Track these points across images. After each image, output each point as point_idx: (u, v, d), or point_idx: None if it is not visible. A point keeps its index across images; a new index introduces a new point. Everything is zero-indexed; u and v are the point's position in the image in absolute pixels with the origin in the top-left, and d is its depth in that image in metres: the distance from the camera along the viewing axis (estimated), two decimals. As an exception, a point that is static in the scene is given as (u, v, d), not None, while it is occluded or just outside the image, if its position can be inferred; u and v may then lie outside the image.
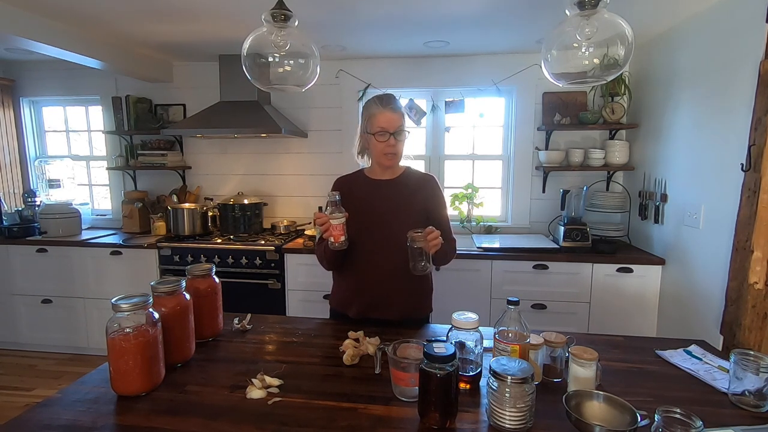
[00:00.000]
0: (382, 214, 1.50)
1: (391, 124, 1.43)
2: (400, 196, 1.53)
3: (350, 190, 1.54)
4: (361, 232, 1.48)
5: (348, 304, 1.55)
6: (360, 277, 1.52)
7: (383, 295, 1.50)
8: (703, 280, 2.15)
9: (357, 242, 1.47)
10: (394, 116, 1.44)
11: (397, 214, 1.50)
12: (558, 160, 2.95)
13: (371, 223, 1.49)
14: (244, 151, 3.43)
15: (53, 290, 3.06)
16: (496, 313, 2.64)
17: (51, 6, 2.20)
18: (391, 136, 1.43)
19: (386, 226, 1.48)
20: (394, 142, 1.44)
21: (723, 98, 2.02)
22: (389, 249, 1.46)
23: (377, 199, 1.52)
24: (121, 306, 0.99)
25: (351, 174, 1.63)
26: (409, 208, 1.51)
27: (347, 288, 1.56)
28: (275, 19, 1.27)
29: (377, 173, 1.57)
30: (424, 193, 1.55)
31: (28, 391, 2.68)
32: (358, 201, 1.52)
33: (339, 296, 1.60)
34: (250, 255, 2.83)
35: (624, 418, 0.87)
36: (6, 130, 3.46)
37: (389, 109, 1.44)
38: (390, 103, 1.46)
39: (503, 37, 2.67)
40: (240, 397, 1.02)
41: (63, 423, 0.93)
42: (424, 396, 0.91)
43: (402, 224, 1.43)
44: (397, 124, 1.44)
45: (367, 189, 1.55)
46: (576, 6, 1.10)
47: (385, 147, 1.45)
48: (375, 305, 1.50)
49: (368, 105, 1.49)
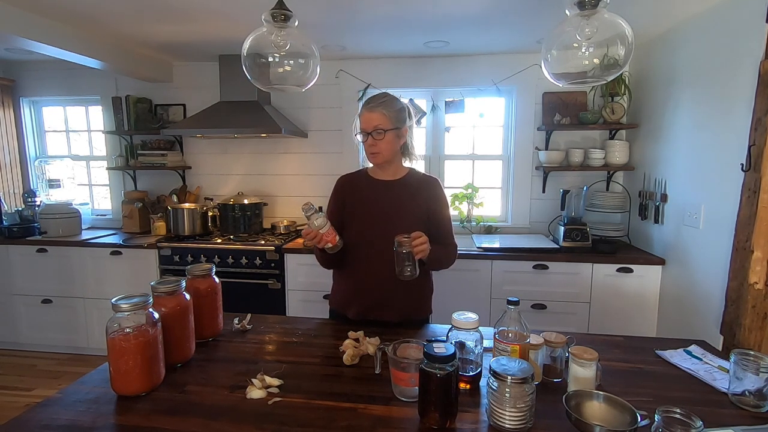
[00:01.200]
0: (383, 215, 1.49)
1: (368, 124, 1.43)
2: (402, 198, 1.51)
3: (352, 189, 1.55)
4: (362, 232, 1.48)
5: (347, 305, 1.54)
6: (360, 277, 1.51)
7: (383, 297, 1.49)
8: (703, 280, 2.15)
9: (357, 242, 1.47)
10: (371, 115, 1.42)
11: (399, 215, 1.49)
12: (558, 160, 2.95)
13: (372, 224, 1.48)
14: (244, 151, 3.43)
15: (53, 290, 3.06)
16: (496, 313, 2.64)
17: (51, 6, 2.20)
18: (369, 136, 1.42)
19: (387, 226, 1.46)
20: (372, 141, 1.43)
21: (723, 98, 2.02)
22: (389, 250, 1.44)
23: (379, 200, 1.52)
24: (121, 306, 0.99)
25: (354, 173, 1.63)
26: (411, 210, 1.50)
27: (347, 288, 1.56)
28: (275, 19, 1.28)
29: (379, 173, 1.56)
30: (426, 195, 1.53)
31: (28, 391, 2.68)
32: (360, 200, 1.52)
33: (338, 297, 1.59)
34: (250, 255, 2.83)
35: (624, 418, 0.87)
36: (6, 130, 3.46)
37: (367, 108, 1.44)
38: (369, 103, 1.44)
39: (503, 37, 2.67)
40: (240, 397, 1.02)
41: (63, 423, 0.93)
42: (424, 396, 0.91)
43: (403, 226, 1.42)
44: (374, 123, 1.42)
45: (369, 189, 1.54)
46: (576, 6, 1.10)
47: (366, 147, 1.45)
48: (374, 306, 1.50)
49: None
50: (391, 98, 1.47)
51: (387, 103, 1.45)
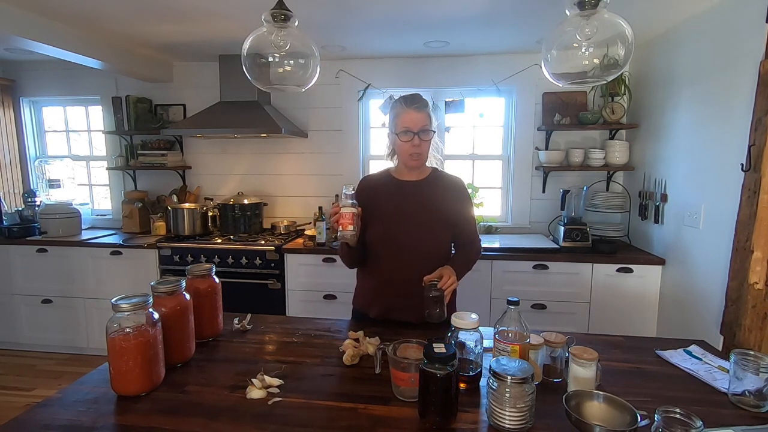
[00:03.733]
0: (407, 216, 1.48)
1: (415, 124, 1.41)
2: (426, 198, 1.50)
3: (376, 191, 1.53)
4: (385, 232, 1.47)
5: (369, 305, 1.54)
6: (382, 277, 1.50)
7: (404, 297, 1.46)
8: (703, 280, 2.15)
9: (380, 242, 1.47)
10: (419, 115, 1.42)
11: (423, 216, 1.48)
12: (558, 160, 2.95)
13: (396, 224, 1.47)
14: (244, 151, 3.43)
15: (53, 290, 3.06)
16: (496, 313, 2.63)
17: (51, 6, 2.20)
18: (416, 136, 1.41)
19: (411, 227, 1.46)
20: (419, 141, 1.42)
21: (723, 98, 2.02)
22: (413, 251, 1.45)
23: (403, 201, 1.50)
24: (121, 306, 0.99)
25: (377, 174, 1.62)
26: (435, 211, 1.49)
27: (369, 288, 1.55)
28: (275, 19, 1.27)
29: (404, 174, 1.54)
30: (452, 196, 1.53)
31: (28, 391, 2.68)
32: (384, 202, 1.50)
33: (361, 296, 1.59)
34: (250, 255, 2.83)
35: (624, 418, 0.87)
36: (6, 130, 3.46)
37: (414, 108, 1.42)
38: (415, 103, 1.43)
39: (503, 37, 2.67)
40: (240, 397, 1.02)
41: (63, 423, 0.93)
42: (424, 396, 0.91)
43: (427, 226, 1.45)
44: (422, 123, 1.42)
45: (392, 190, 1.53)
46: (576, 6, 1.10)
47: (410, 147, 1.43)
48: (395, 307, 1.49)
49: (394, 105, 1.48)
50: (427, 101, 1.48)
51: (428, 105, 1.46)
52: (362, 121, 3.31)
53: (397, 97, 1.50)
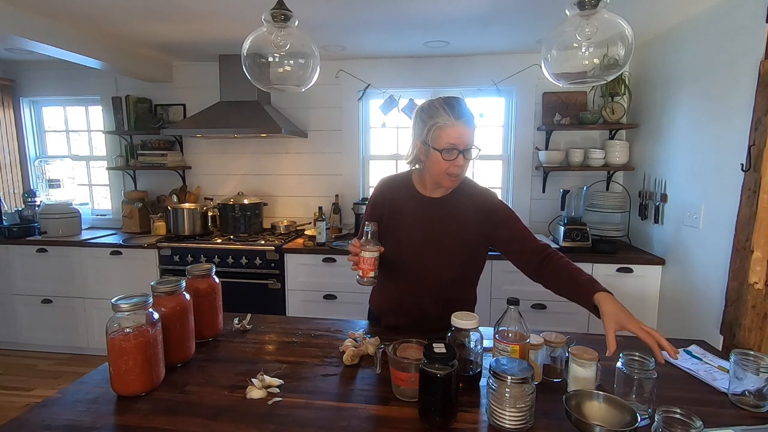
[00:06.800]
0: (430, 236, 1.34)
1: (462, 141, 1.19)
2: (453, 217, 1.34)
3: (393, 200, 1.38)
4: (405, 250, 1.35)
5: (383, 315, 1.48)
6: (400, 293, 1.41)
7: (421, 316, 1.39)
8: (703, 280, 2.15)
9: (401, 260, 1.36)
10: (468, 131, 1.20)
11: (447, 235, 1.34)
12: (558, 160, 2.95)
13: (416, 243, 1.35)
14: (244, 151, 3.43)
15: (53, 290, 3.06)
16: (496, 313, 2.63)
17: (51, 6, 2.20)
18: (461, 155, 1.20)
19: (433, 247, 1.33)
20: (463, 161, 1.22)
21: (723, 98, 2.02)
22: (434, 270, 1.35)
23: (428, 224, 1.35)
24: (121, 306, 0.99)
25: (399, 179, 1.42)
26: (462, 230, 1.34)
27: (386, 300, 1.47)
28: (275, 19, 1.27)
29: (430, 189, 1.36)
30: (483, 215, 1.34)
31: (28, 391, 2.68)
32: (404, 217, 1.36)
33: (378, 303, 1.52)
34: (250, 255, 2.83)
35: (624, 418, 0.87)
36: (6, 130, 3.46)
37: (462, 122, 1.19)
38: (463, 114, 1.20)
39: (503, 37, 2.67)
40: (240, 397, 1.02)
41: (63, 423, 0.93)
42: (424, 396, 0.91)
43: (451, 246, 1.32)
44: (470, 140, 1.21)
45: (414, 206, 1.36)
46: (576, 6, 1.10)
47: (451, 167, 1.22)
48: (407, 324, 1.41)
49: (433, 112, 1.22)
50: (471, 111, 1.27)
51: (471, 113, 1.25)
52: (362, 121, 3.30)
53: (435, 100, 1.25)
